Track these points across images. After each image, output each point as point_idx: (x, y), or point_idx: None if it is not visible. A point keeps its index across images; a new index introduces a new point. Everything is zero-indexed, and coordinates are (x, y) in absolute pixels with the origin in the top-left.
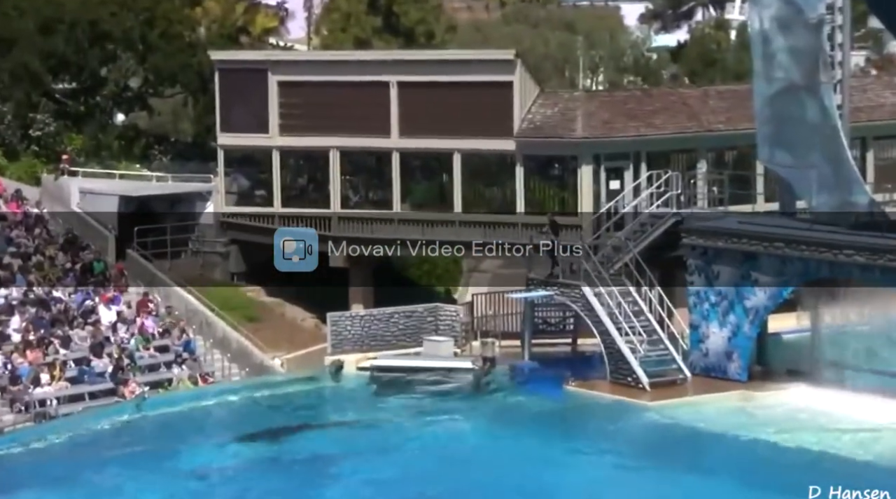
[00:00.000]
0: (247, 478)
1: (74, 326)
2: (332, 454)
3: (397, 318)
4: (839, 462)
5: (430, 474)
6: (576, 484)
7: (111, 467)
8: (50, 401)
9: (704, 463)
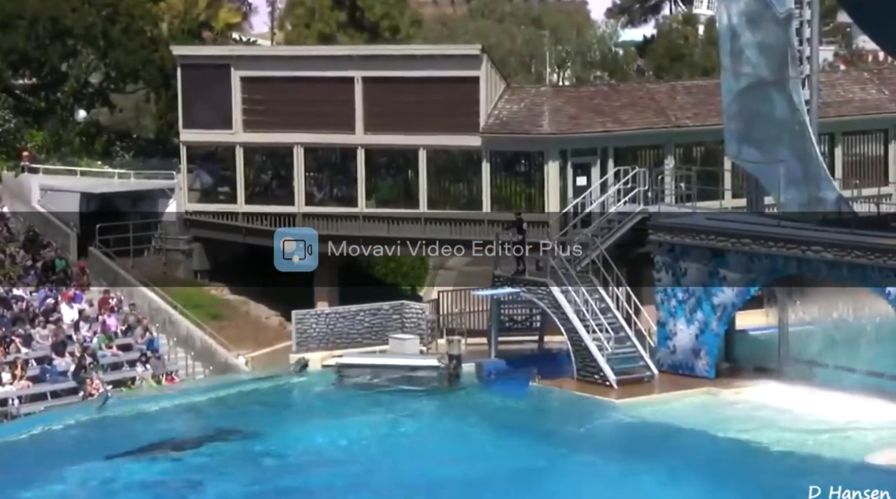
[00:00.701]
0: (213, 474)
1: (36, 325)
2: (287, 433)
3: (363, 315)
4: (805, 460)
5: (391, 471)
6: (539, 481)
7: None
8: (11, 400)
9: (671, 461)
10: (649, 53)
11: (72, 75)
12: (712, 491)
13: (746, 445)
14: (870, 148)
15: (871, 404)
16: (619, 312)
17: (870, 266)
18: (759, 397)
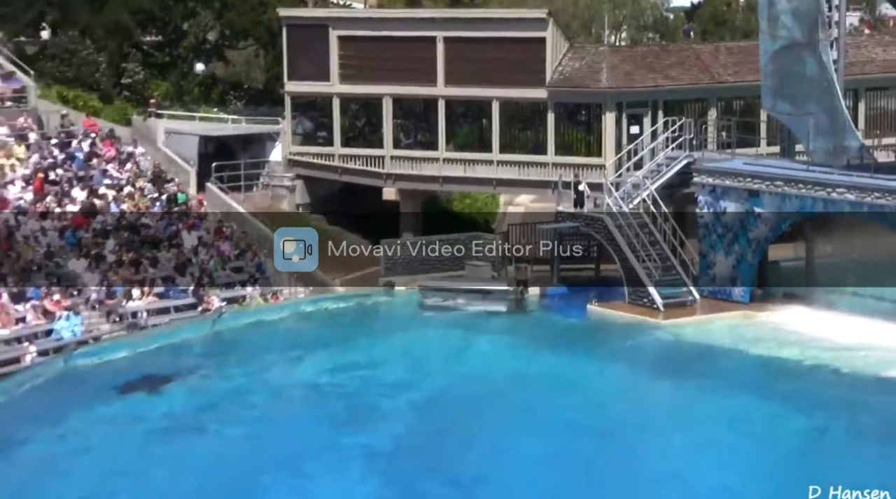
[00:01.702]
0: (310, 382)
1: (161, 249)
2: (378, 345)
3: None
4: (828, 374)
5: (463, 381)
6: (589, 385)
7: (197, 370)
8: (140, 313)
9: (709, 373)
10: (696, 18)
11: (191, 33)
12: (743, 399)
13: (775, 360)
14: (890, 103)
15: (887, 327)
16: (666, 245)
17: (887, 206)
18: (788, 320)
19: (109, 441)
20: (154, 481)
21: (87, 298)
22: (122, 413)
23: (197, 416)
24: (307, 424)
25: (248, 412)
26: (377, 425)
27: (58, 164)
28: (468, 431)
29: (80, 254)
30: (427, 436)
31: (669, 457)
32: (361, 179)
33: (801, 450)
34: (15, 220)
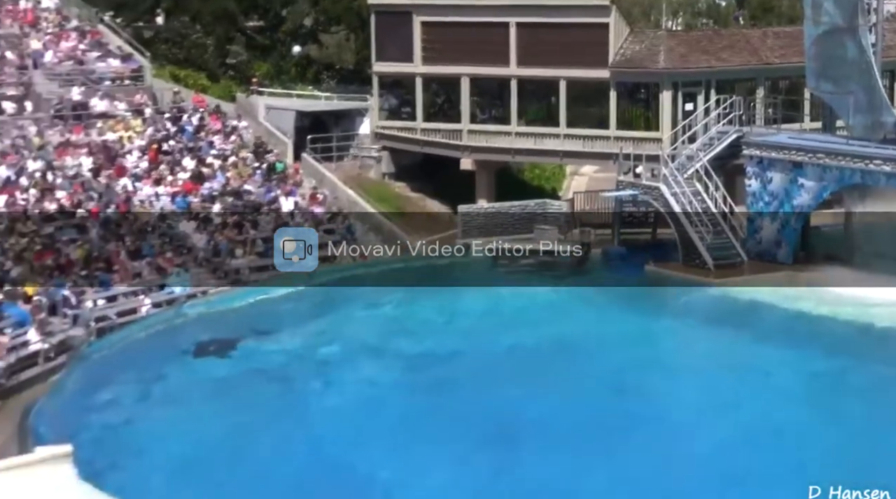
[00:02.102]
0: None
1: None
2: (456, 299)
3: (513, 210)
4: (861, 328)
5: (532, 327)
6: (645, 337)
7: (295, 319)
8: (243, 270)
9: (756, 327)
10: (746, 5)
11: (289, 19)
12: (784, 350)
13: (814, 316)
14: None
15: None
16: (717, 211)
17: None
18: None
19: (222, 382)
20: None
21: (196, 256)
22: (232, 358)
23: (294, 358)
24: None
25: (339, 353)
26: (456, 361)
27: (170, 136)
28: (540, 367)
29: (189, 217)
30: (504, 369)
31: (713, 392)
32: (441, 150)
33: (827, 390)
34: (132, 186)
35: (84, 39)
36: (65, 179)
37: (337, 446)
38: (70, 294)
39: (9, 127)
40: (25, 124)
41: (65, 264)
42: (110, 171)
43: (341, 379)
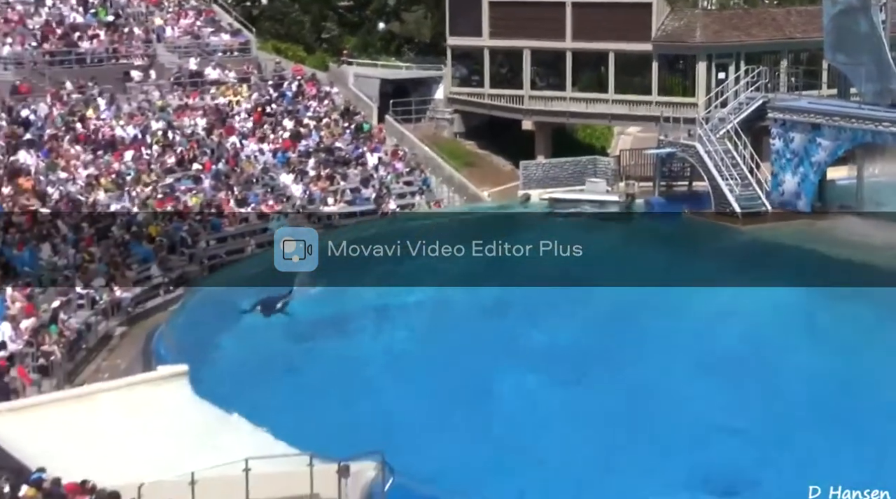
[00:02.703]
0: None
1: (349, 166)
2: (519, 240)
3: (568, 165)
4: (868, 266)
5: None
6: (681, 273)
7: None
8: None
9: (779, 266)
10: None
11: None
12: (801, 281)
13: (830, 256)
14: None
15: None
16: (745, 167)
17: None
18: (840, 226)
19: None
20: None
21: (293, 203)
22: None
23: (394, 279)
24: None
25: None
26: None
27: (272, 100)
28: (586, 296)
29: (288, 170)
30: (555, 296)
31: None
32: (505, 113)
33: (836, 319)
34: (240, 143)
35: (200, 17)
36: (182, 136)
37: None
38: (187, 235)
39: (136, 92)
40: (150, 90)
41: (182, 210)
42: (221, 130)
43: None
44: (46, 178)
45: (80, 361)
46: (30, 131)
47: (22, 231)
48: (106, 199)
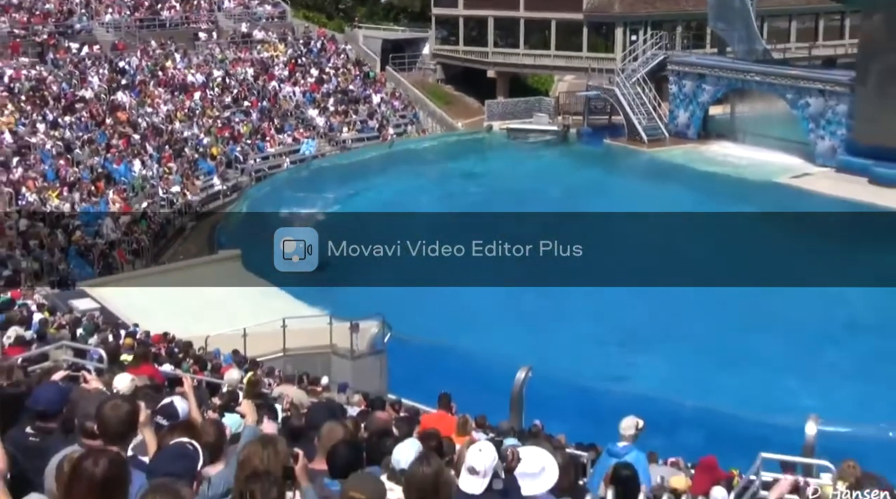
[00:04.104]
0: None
1: (359, 103)
2: (485, 158)
3: (520, 103)
4: (740, 180)
5: (525, 174)
6: (605, 187)
7: (383, 169)
8: (348, 141)
9: (673, 178)
10: None
11: None
12: (692, 189)
13: (711, 171)
14: (782, 23)
15: (778, 155)
16: (650, 105)
17: (779, 84)
18: (719, 149)
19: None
20: None
21: (318, 131)
22: (353, 188)
23: (396, 185)
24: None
25: (407, 180)
26: (479, 190)
27: (302, 55)
28: (533, 194)
29: (313, 106)
30: (512, 194)
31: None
32: (475, 65)
33: (714, 216)
34: (278, 86)
35: None
36: (236, 82)
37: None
38: (239, 154)
39: (202, 48)
40: (212, 47)
41: (236, 136)
42: (264, 77)
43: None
44: (137, 112)
45: (162, 246)
46: (125, 78)
47: (119, 151)
48: (180, 127)
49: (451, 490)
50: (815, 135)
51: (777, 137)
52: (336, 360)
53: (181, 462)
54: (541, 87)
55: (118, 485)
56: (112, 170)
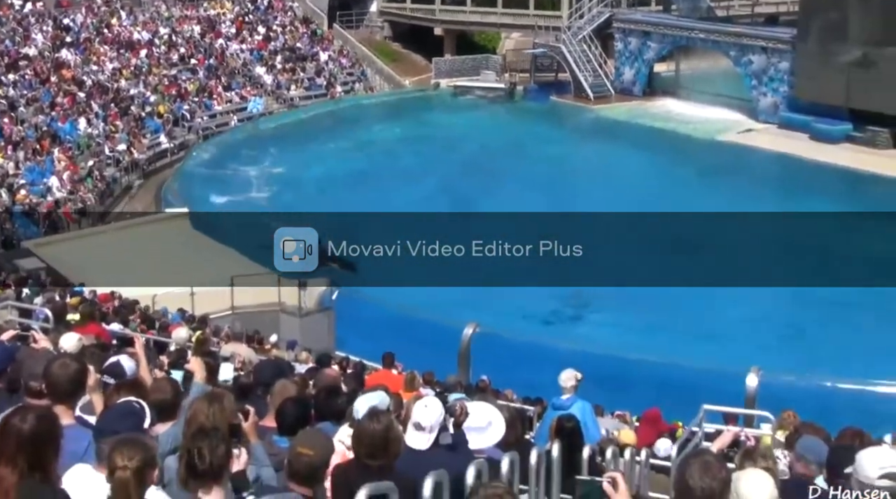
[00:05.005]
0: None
1: (307, 62)
2: (432, 115)
3: (467, 61)
4: (685, 136)
5: (478, 131)
6: (551, 141)
7: (332, 125)
8: (295, 98)
9: (618, 135)
10: None
11: None
12: (637, 146)
13: (656, 127)
14: None
15: (722, 111)
16: (596, 62)
17: (722, 41)
18: (663, 106)
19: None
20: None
21: (266, 89)
22: (301, 146)
23: (343, 144)
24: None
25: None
26: (430, 146)
27: (250, 12)
28: (481, 153)
29: (261, 63)
30: (460, 151)
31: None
32: (422, 22)
33: (657, 169)
34: (225, 44)
35: None
36: (183, 39)
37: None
38: (186, 112)
39: (148, 6)
40: (158, 4)
41: (183, 94)
42: (211, 34)
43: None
44: (82, 69)
45: (109, 205)
46: (69, 35)
47: (64, 109)
48: (126, 85)
49: (400, 447)
50: (758, 92)
51: (721, 94)
52: (284, 317)
53: (128, 420)
54: (488, 44)
55: (47, 441)
56: (57, 128)
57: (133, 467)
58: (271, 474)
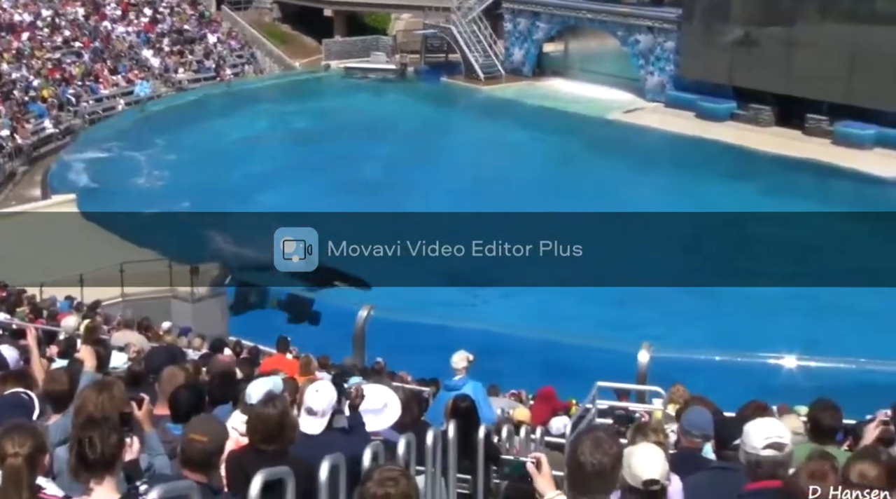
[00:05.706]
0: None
1: (195, 44)
2: (326, 100)
3: (358, 42)
4: (575, 114)
5: (369, 112)
6: (442, 122)
7: (223, 107)
8: (184, 81)
9: (507, 114)
10: None
11: None
12: (527, 125)
13: (543, 108)
14: None
15: (611, 91)
16: (486, 43)
17: (609, 21)
18: (553, 86)
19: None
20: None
21: (154, 72)
22: (184, 128)
23: (225, 127)
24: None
25: (245, 121)
26: (324, 124)
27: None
28: (373, 132)
29: (149, 46)
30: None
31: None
32: (311, 3)
33: (550, 156)
34: (111, 26)
35: None
36: (66, 21)
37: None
38: (72, 96)
39: None
40: None
41: (68, 78)
42: (96, 16)
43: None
44: None
45: None
46: None
47: None
48: (8, 69)
49: (295, 432)
50: (645, 71)
51: (609, 74)
52: (176, 303)
53: (16, 411)
54: (378, 25)
55: None
56: None
57: (24, 453)
58: (165, 461)
